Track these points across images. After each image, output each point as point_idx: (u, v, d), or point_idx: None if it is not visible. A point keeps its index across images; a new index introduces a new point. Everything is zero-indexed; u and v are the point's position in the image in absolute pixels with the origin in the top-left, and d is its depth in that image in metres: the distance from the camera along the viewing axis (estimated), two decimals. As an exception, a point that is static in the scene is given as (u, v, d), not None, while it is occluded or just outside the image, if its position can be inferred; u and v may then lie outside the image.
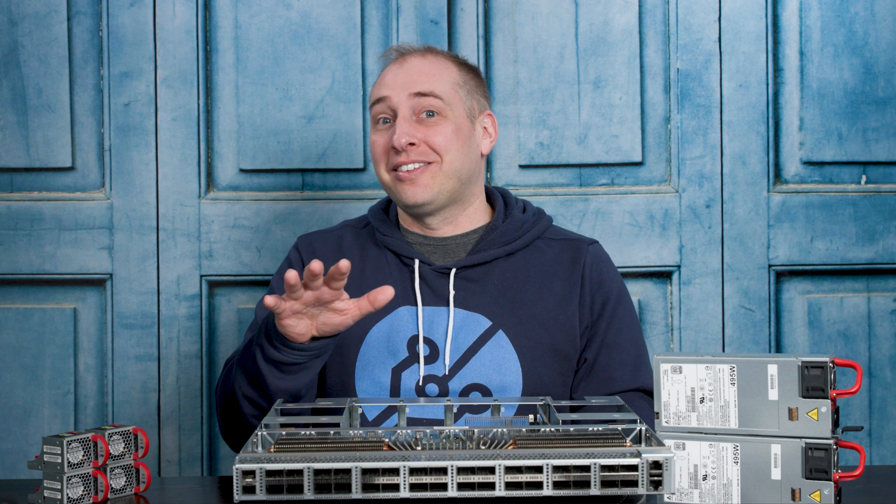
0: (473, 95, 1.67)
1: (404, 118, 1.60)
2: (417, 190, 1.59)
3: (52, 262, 2.14)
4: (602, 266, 1.67)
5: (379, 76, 1.67)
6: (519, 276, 1.63)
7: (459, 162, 1.62)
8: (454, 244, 1.65)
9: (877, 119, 2.15)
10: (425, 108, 1.61)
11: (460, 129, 1.62)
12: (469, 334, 1.59)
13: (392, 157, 1.60)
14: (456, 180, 1.62)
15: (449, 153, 1.60)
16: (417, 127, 1.60)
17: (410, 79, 1.62)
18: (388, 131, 1.62)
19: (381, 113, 1.63)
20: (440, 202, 1.61)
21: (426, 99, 1.60)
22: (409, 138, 1.58)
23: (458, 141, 1.61)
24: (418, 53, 1.66)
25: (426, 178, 1.59)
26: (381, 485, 1.11)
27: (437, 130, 1.60)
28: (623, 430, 1.21)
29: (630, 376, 1.61)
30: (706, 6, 2.14)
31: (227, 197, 2.15)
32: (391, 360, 1.59)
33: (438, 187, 1.60)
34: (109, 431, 1.26)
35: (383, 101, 1.62)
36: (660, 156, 2.15)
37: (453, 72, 1.65)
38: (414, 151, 1.59)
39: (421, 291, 1.61)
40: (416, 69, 1.63)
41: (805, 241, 2.15)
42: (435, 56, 1.66)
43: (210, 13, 2.15)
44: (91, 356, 2.14)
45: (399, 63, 1.65)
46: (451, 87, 1.63)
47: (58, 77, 2.14)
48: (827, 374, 1.17)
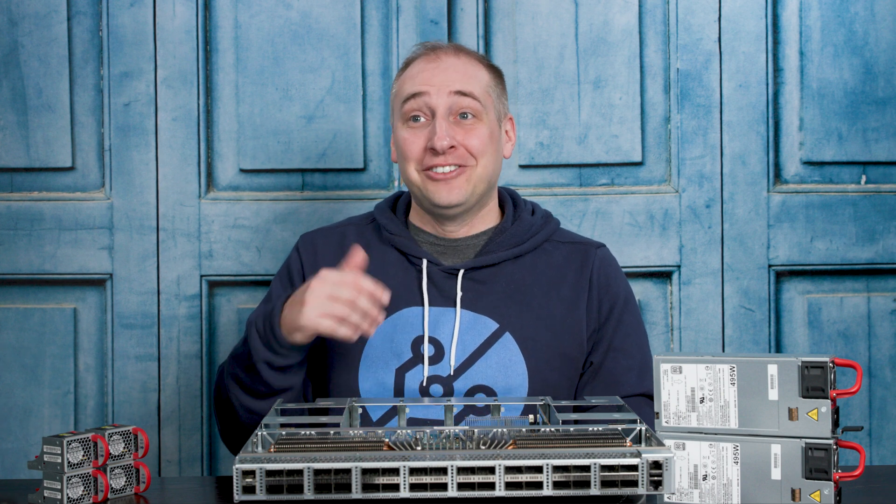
0: (501, 99, 1.65)
1: (443, 118, 1.57)
2: (453, 192, 1.57)
3: (52, 262, 2.14)
4: (610, 270, 1.67)
5: (406, 70, 1.63)
6: (527, 278, 1.63)
7: (492, 166, 1.61)
8: (464, 245, 1.65)
9: (877, 119, 2.15)
10: (462, 109, 1.58)
11: (493, 132, 1.61)
12: (476, 336, 1.59)
13: (427, 158, 1.57)
14: (486, 184, 1.61)
15: (484, 157, 1.59)
16: (455, 129, 1.58)
17: (448, 77, 1.58)
18: (423, 130, 1.58)
19: (415, 110, 1.59)
20: (469, 205, 1.61)
21: (465, 99, 1.58)
22: (450, 141, 1.56)
23: (491, 145, 1.60)
24: (451, 51, 1.62)
25: (461, 181, 1.58)
26: (381, 485, 1.12)
27: (475, 134, 1.58)
28: (623, 430, 1.21)
29: (636, 381, 1.61)
30: (706, 6, 2.14)
31: (227, 197, 2.15)
32: (395, 361, 1.58)
33: (471, 190, 1.59)
34: (109, 431, 1.26)
35: (419, 96, 1.58)
36: (660, 156, 2.15)
37: (485, 74, 1.63)
38: (452, 154, 1.57)
39: (428, 292, 1.60)
40: (453, 67, 1.60)
41: (805, 241, 2.15)
42: (467, 56, 1.63)
43: (210, 13, 2.15)
44: (91, 356, 2.14)
45: (432, 60, 1.61)
46: (485, 89, 1.61)
47: (58, 77, 2.14)
48: (827, 374, 1.17)
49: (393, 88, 1.67)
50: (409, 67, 1.64)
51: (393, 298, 1.61)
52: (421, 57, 1.63)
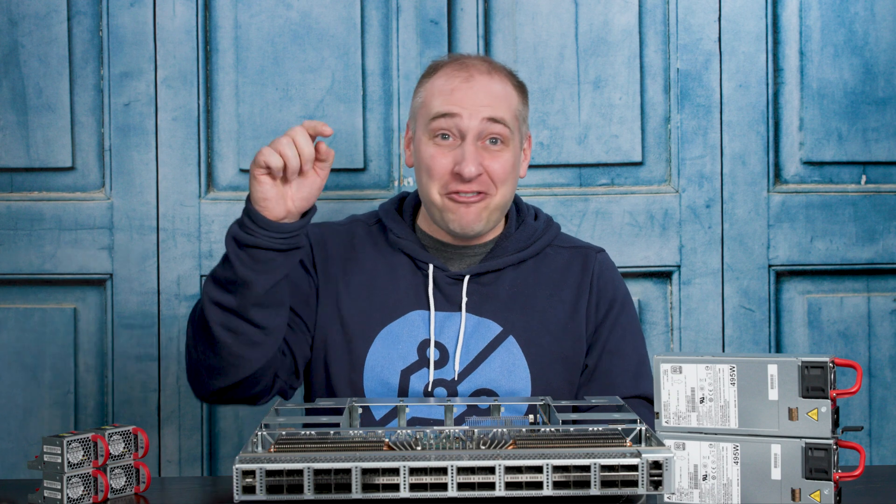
0: (525, 120, 1.64)
1: (472, 143, 1.55)
2: (470, 218, 1.57)
3: (52, 262, 2.14)
4: (608, 274, 1.68)
5: (434, 80, 1.60)
6: (530, 282, 1.63)
7: (509, 195, 1.61)
8: (470, 252, 1.65)
9: (877, 119, 2.15)
10: (492, 135, 1.56)
11: (516, 158, 1.60)
12: (480, 340, 1.59)
13: (452, 183, 1.56)
14: (501, 211, 1.61)
15: (504, 185, 1.58)
16: (482, 154, 1.56)
17: (481, 101, 1.56)
18: (451, 150, 1.56)
19: (444, 129, 1.56)
20: (483, 232, 1.61)
21: (496, 126, 1.56)
22: (478, 168, 1.54)
23: (512, 173, 1.59)
24: (484, 70, 1.59)
25: (478, 208, 1.57)
26: (381, 485, 1.12)
27: (499, 161, 1.56)
28: (623, 430, 1.21)
29: (631, 383, 1.61)
30: (706, 6, 2.14)
31: (228, 197, 2.15)
32: (400, 363, 1.59)
33: (487, 218, 1.59)
34: (109, 431, 1.26)
35: (451, 117, 1.55)
36: (660, 156, 2.15)
37: (515, 97, 1.60)
38: (476, 182, 1.55)
39: (434, 296, 1.61)
40: (486, 90, 1.57)
41: (805, 241, 2.15)
42: (500, 77, 1.60)
43: (210, 13, 2.15)
44: (91, 356, 2.14)
45: (466, 79, 1.58)
46: (514, 114, 1.59)
47: (58, 77, 2.14)
48: (827, 374, 1.17)
49: (418, 95, 1.63)
50: (438, 77, 1.60)
51: (400, 301, 1.61)
52: (451, 69, 1.60)
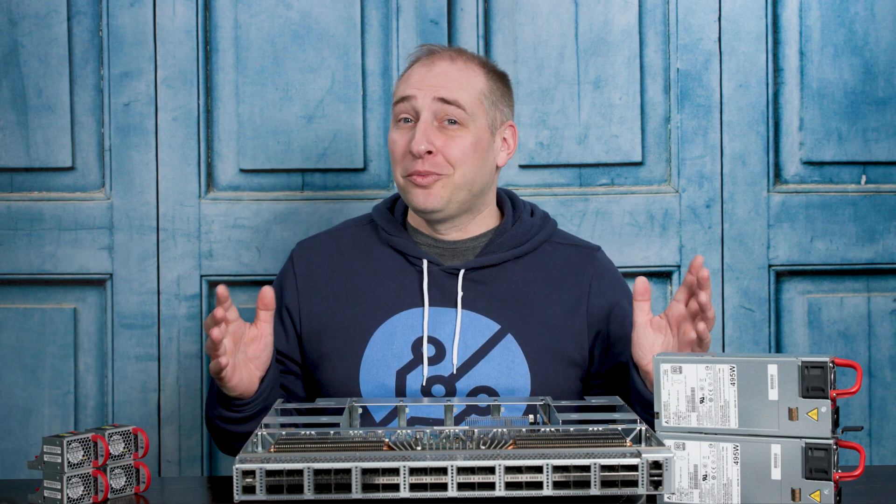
0: (498, 106, 1.64)
1: (425, 122, 1.57)
2: (429, 198, 1.57)
3: (52, 262, 2.14)
4: (608, 273, 1.68)
5: (405, 72, 1.65)
6: (528, 279, 1.63)
7: (472, 175, 1.59)
8: (463, 247, 1.65)
9: (877, 119, 2.15)
10: (448, 116, 1.58)
11: (479, 141, 1.60)
12: (477, 336, 1.59)
13: (408, 163, 1.58)
14: (467, 192, 1.60)
15: (463, 166, 1.58)
16: (437, 134, 1.57)
17: (436, 83, 1.58)
18: (408, 132, 1.59)
19: (403, 112, 1.60)
20: (450, 211, 1.60)
21: (449, 107, 1.57)
22: (427, 146, 1.55)
23: (474, 154, 1.59)
24: (448, 57, 1.62)
25: (437, 187, 1.57)
26: (381, 485, 1.12)
27: (456, 142, 1.57)
28: (623, 430, 1.21)
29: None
30: (706, 6, 2.14)
31: (227, 197, 2.15)
32: (395, 363, 1.58)
33: (449, 197, 1.58)
34: (109, 431, 1.26)
35: (407, 100, 1.59)
36: (660, 156, 2.15)
37: (481, 80, 1.62)
38: (429, 161, 1.56)
39: (429, 292, 1.61)
40: (444, 73, 1.60)
41: (805, 241, 2.15)
42: (465, 62, 1.62)
43: (210, 13, 2.15)
44: (91, 356, 2.14)
45: (427, 64, 1.62)
46: (477, 97, 1.60)
47: (58, 77, 2.14)
48: (827, 374, 1.17)
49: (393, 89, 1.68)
50: (408, 69, 1.65)
51: (391, 301, 1.61)
52: (419, 61, 1.64)
